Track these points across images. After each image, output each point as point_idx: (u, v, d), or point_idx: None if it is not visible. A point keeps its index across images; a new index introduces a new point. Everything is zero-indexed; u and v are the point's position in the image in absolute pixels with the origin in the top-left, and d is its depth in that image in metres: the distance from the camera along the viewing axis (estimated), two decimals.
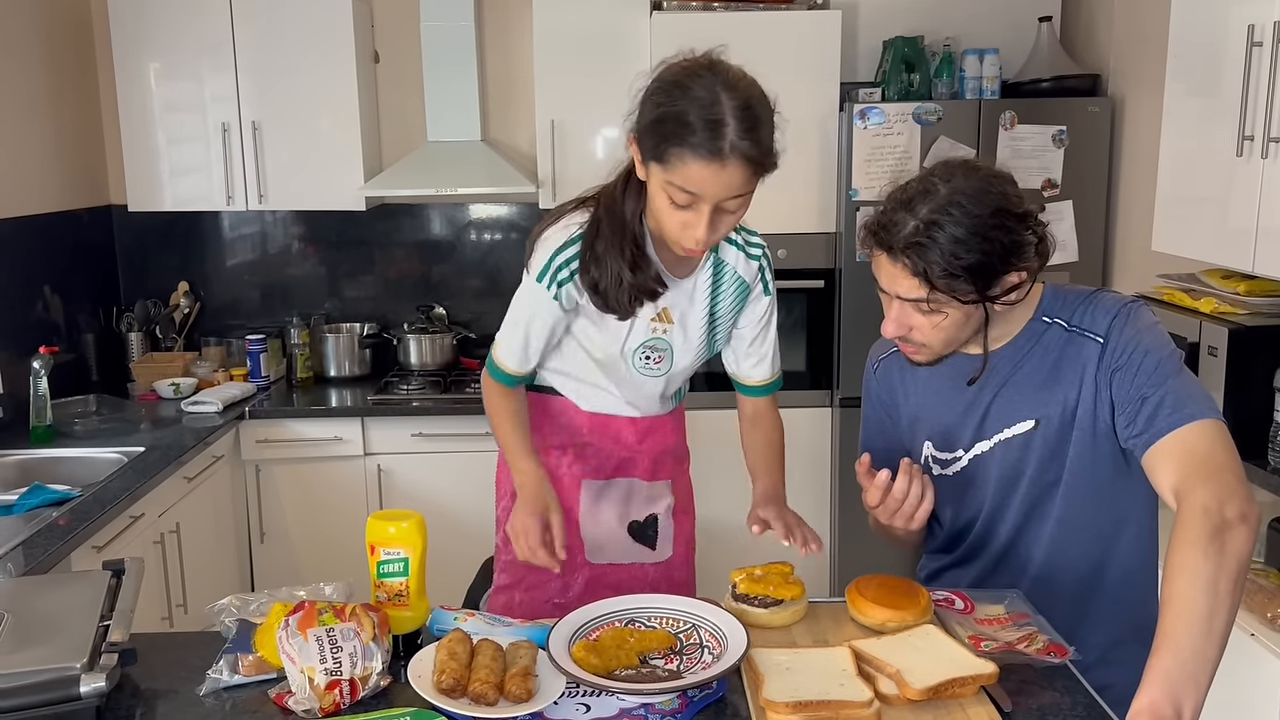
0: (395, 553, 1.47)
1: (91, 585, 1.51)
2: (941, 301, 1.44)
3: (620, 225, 1.68)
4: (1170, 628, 1.22)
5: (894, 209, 1.45)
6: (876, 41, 3.65)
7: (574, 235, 1.71)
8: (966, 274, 1.40)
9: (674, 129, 1.50)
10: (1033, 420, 1.54)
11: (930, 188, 1.43)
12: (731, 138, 1.48)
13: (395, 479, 3.64)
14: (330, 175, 3.73)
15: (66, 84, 3.76)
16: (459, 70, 3.80)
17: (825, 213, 3.61)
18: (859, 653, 1.40)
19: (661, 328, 1.79)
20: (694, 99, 1.50)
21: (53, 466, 3.03)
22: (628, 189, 1.69)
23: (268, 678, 1.40)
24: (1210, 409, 1.40)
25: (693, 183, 1.51)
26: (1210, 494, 1.30)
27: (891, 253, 1.44)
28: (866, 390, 1.79)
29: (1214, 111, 2.43)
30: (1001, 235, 1.41)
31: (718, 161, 1.49)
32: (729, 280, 1.81)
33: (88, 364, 3.85)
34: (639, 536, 1.96)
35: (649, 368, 1.82)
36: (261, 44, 3.64)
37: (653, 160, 1.54)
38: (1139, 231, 3.32)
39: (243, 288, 4.13)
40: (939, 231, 1.39)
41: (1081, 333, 1.51)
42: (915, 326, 1.49)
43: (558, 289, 1.71)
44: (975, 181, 1.43)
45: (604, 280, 1.69)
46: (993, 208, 1.41)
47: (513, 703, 1.31)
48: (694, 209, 1.54)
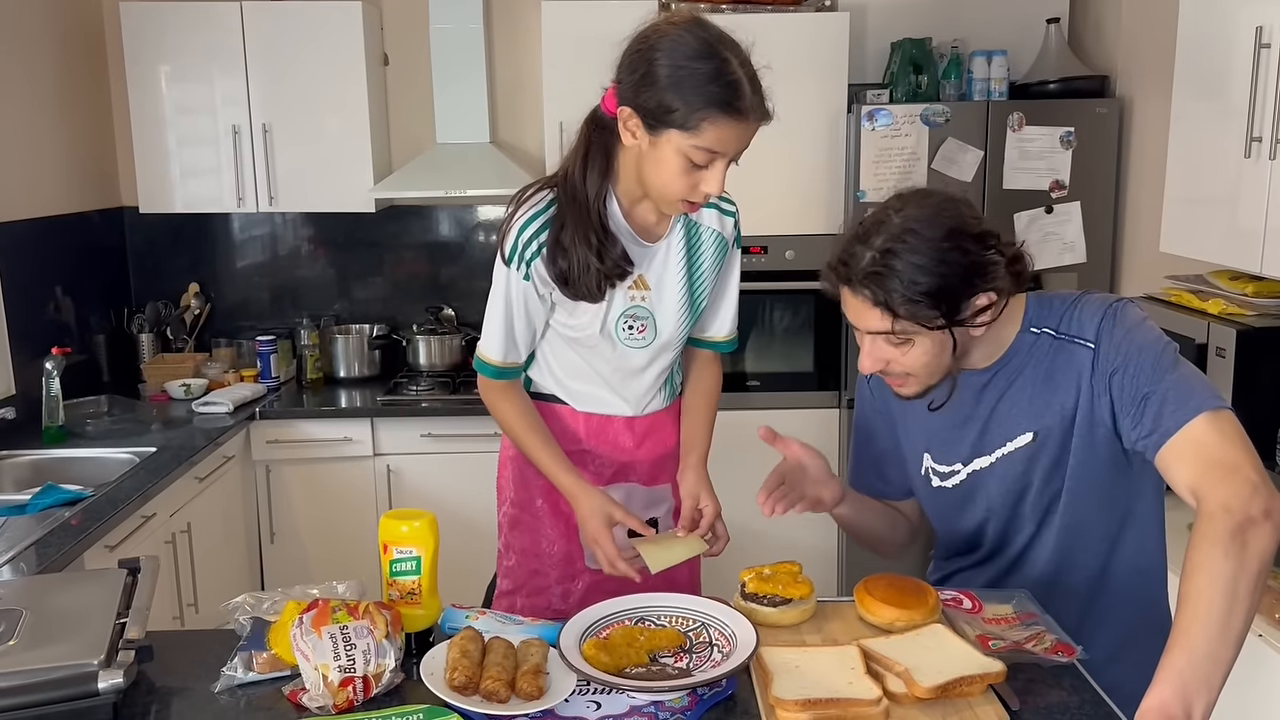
0: (408, 551, 1.48)
1: (108, 583, 1.52)
2: (910, 331, 1.43)
3: (584, 210, 1.70)
4: (1186, 626, 1.21)
5: (850, 243, 1.46)
6: (884, 43, 3.66)
7: (536, 211, 1.72)
8: (928, 299, 1.40)
9: (699, 94, 1.52)
10: (1031, 433, 1.53)
11: (884, 218, 1.45)
12: (749, 95, 1.54)
13: (404, 479, 3.66)
14: (340, 177, 3.75)
15: (78, 87, 3.78)
16: (468, 73, 3.81)
17: (833, 214, 3.61)
18: (867, 651, 1.41)
19: (639, 295, 1.79)
20: (709, 65, 1.52)
21: (65, 466, 3.05)
22: (587, 170, 1.70)
23: (282, 675, 1.41)
24: (1214, 398, 1.39)
25: (719, 142, 1.55)
26: (1231, 491, 1.29)
27: (851, 285, 1.44)
28: (859, 399, 1.78)
29: (1222, 113, 2.43)
30: (959, 257, 1.40)
31: (743, 119, 1.55)
32: (708, 239, 1.82)
33: (99, 365, 3.87)
34: None
35: (634, 338, 1.81)
36: (272, 47, 3.66)
37: (673, 128, 1.55)
38: (1147, 233, 3.32)
39: (253, 289, 4.16)
40: (895, 259, 1.40)
41: (1071, 339, 1.50)
42: (890, 360, 1.49)
43: (527, 268, 1.73)
44: (927, 208, 1.44)
45: (572, 270, 1.70)
46: (946, 229, 1.41)
47: (524, 700, 1.32)
48: (711, 167, 1.59)
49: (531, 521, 1.94)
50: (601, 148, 1.70)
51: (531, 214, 1.72)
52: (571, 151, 1.74)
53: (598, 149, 1.70)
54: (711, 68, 1.52)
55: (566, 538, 1.93)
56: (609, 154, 1.70)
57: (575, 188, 1.71)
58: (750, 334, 3.68)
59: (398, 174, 3.80)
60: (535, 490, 1.93)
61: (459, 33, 3.79)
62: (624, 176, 1.71)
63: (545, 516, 1.93)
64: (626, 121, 1.61)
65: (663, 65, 1.54)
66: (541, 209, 1.73)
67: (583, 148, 1.71)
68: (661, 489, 1.96)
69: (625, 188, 1.72)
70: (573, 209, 1.70)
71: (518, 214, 1.74)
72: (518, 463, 1.94)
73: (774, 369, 3.71)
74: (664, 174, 1.60)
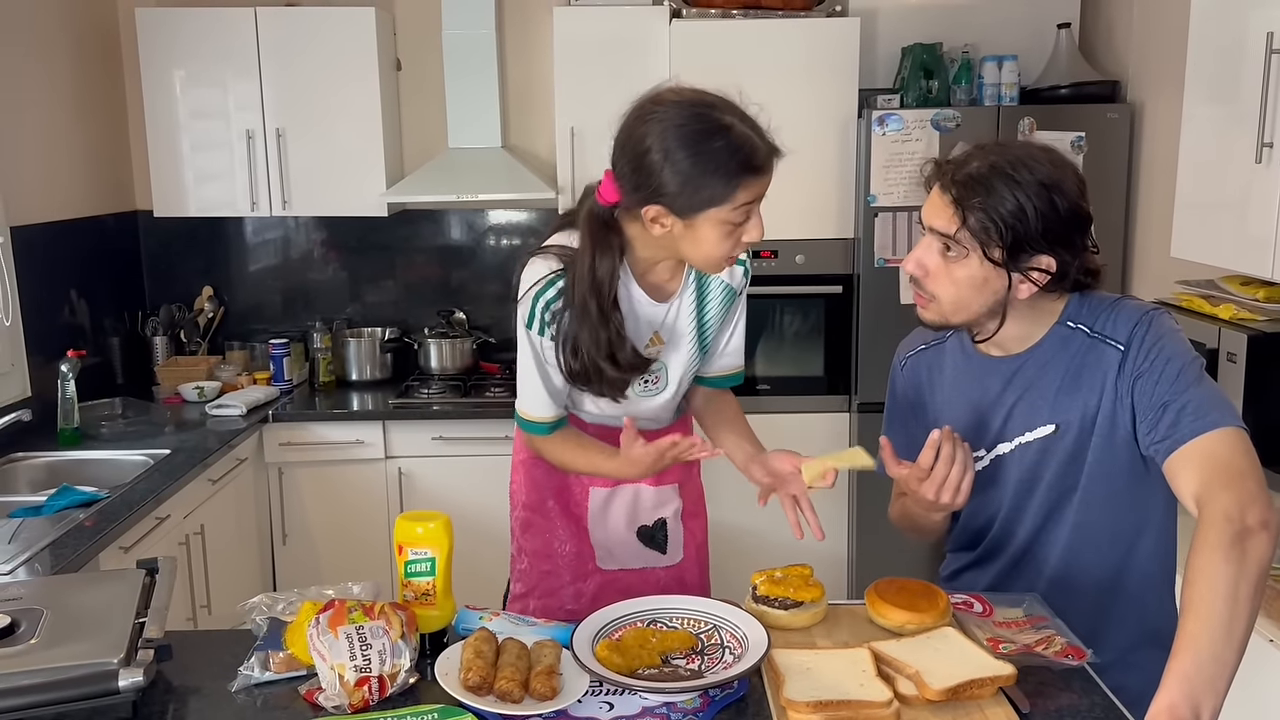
0: (423, 553, 1.50)
1: (126, 583, 1.53)
2: (965, 247, 1.47)
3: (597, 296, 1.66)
4: (1190, 631, 1.22)
5: (971, 153, 1.51)
6: (895, 48, 3.66)
7: (550, 276, 1.71)
8: (1000, 226, 1.44)
9: (725, 172, 1.54)
10: (1053, 425, 1.56)
11: (1011, 144, 1.51)
12: (763, 149, 1.56)
13: (416, 482, 3.67)
14: (352, 181, 3.77)
15: (94, 91, 3.81)
16: (480, 78, 3.83)
17: (844, 218, 3.62)
18: (878, 654, 1.41)
19: (654, 350, 1.80)
20: (718, 138, 1.53)
21: (80, 468, 3.07)
22: (596, 263, 1.66)
23: (298, 674, 1.43)
24: (1232, 417, 1.41)
25: (752, 196, 1.58)
26: (1232, 500, 1.31)
27: (946, 184, 1.49)
28: (892, 386, 1.80)
29: (1233, 118, 2.43)
30: (1050, 211, 1.44)
31: (767, 172, 1.58)
32: (715, 290, 1.83)
33: (114, 367, 3.90)
34: (649, 541, 1.97)
35: (648, 390, 1.84)
36: (285, 52, 3.68)
37: (709, 207, 1.56)
38: (1158, 238, 3.32)
39: (266, 292, 4.18)
40: (996, 179, 1.44)
41: (1103, 339, 1.52)
42: (932, 271, 1.52)
43: (550, 331, 1.72)
44: (1055, 163, 1.48)
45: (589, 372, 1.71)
46: (1055, 183, 1.45)
47: (538, 700, 1.33)
48: (750, 218, 1.61)
49: (543, 523, 1.96)
50: (607, 241, 1.67)
51: (544, 282, 1.71)
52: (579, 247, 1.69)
53: (603, 243, 1.67)
54: (724, 143, 1.54)
55: (577, 537, 1.94)
56: (615, 243, 1.68)
57: (587, 270, 1.67)
58: (760, 338, 3.68)
59: (410, 178, 3.82)
60: (546, 492, 1.95)
61: (471, 38, 3.80)
62: (637, 250, 1.70)
63: (556, 517, 1.95)
64: (657, 218, 1.59)
65: (679, 160, 1.54)
66: (554, 277, 1.71)
67: (590, 246, 1.67)
68: (668, 489, 1.97)
69: (637, 258, 1.72)
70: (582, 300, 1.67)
71: (531, 285, 1.72)
72: (529, 466, 1.95)
73: (784, 373, 3.72)
74: (707, 247, 1.61)
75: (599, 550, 1.95)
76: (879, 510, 3.58)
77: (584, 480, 1.93)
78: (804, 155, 3.60)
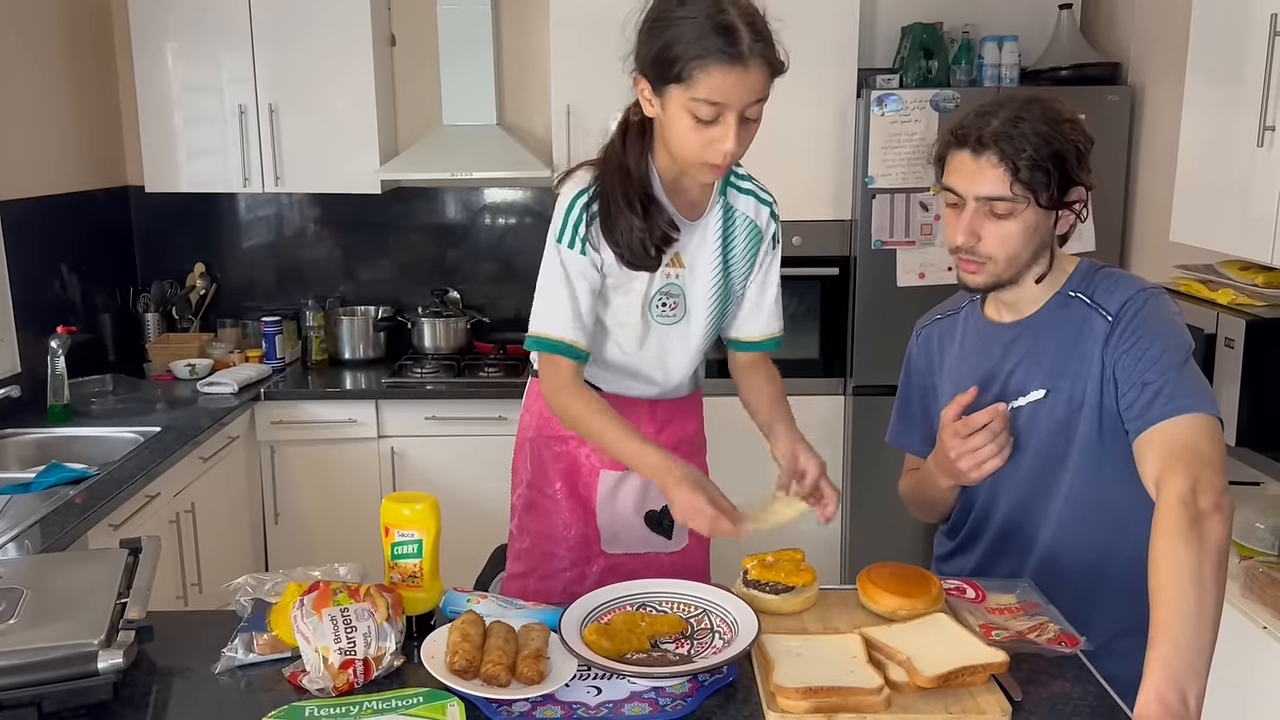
0: (409, 535, 1.48)
1: (109, 563, 1.52)
2: (1020, 198, 1.49)
3: (625, 176, 1.68)
4: (1163, 618, 1.25)
5: (975, 115, 1.54)
6: (895, 28, 3.63)
7: (582, 188, 1.70)
8: (1051, 162, 1.48)
9: (692, 42, 1.50)
10: (1044, 390, 1.57)
11: (1004, 101, 1.54)
12: (748, 40, 1.50)
13: (408, 461, 3.66)
14: (346, 158, 3.73)
15: (85, 65, 3.77)
16: (475, 54, 3.79)
17: (841, 200, 3.59)
18: (869, 640, 1.40)
19: (674, 272, 1.77)
20: (701, 11, 1.50)
21: (70, 445, 3.06)
22: (627, 140, 1.70)
23: (282, 656, 1.42)
24: (1207, 404, 1.43)
25: (718, 92, 1.51)
26: (1185, 484, 1.34)
27: (979, 147, 1.51)
28: (908, 359, 1.83)
29: (1235, 101, 2.41)
30: (1075, 135, 1.51)
31: (740, 65, 1.50)
32: (741, 225, 1.81)
33: (104, 344, 3.87)
34: (655, 526, 1.95)
35: (665, 314, 1.80)
36: (279, 27, 3.64)
37: (672, 83, 1.53)
38: (1157, 221, 3.29)
39: (258, 270, 4.15)
40: (1024, 124, 1.49)
41: (1096, 308, 1.55)
42: (984, 234, 1.53)
43: (583, 244, 1.69)
44: (1048, 100, 1.54)
45: (623, 238, 1.68)
46: (1063, 115, 1.52)
47: (524, 684, 1.32)
48: (720, 122, 1.54)
49: (548, 505, 1.93)
50: (639, 124, 1.69)
51: (579, 190, 1.70)
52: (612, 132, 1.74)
53: (635, 125, 1.70)
54: (704, 14, 1.49)
55: (584, 520, 1.92)
56: (645, 129, 1.69)
57: (617, 154, 1.70)
58: None
59: (404, 155, 3.79)
60: (554, 473, 1.92)
61: (467, 13, 3.76)
62: (659, 151, 1.70)
63: (563, 500, 1.92)
64: (642, 91, 1.60)
65: (659, 24, 1.53)
66: (586, 185, 1.71)
67: (622, 125, 1.71)
68: None
69: (663, 163, 1.71)
70: (616, 176, 1.69)
71: (564, 192, 1.73)
72: (535, 445, 1.93)
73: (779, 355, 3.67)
74: (676, 136, 1.58)
75: (604, 533, 1.92)
76: (873, 495, 3.58)
77: (593, 463, 1.90)
78: (801, 135, 3.61)
